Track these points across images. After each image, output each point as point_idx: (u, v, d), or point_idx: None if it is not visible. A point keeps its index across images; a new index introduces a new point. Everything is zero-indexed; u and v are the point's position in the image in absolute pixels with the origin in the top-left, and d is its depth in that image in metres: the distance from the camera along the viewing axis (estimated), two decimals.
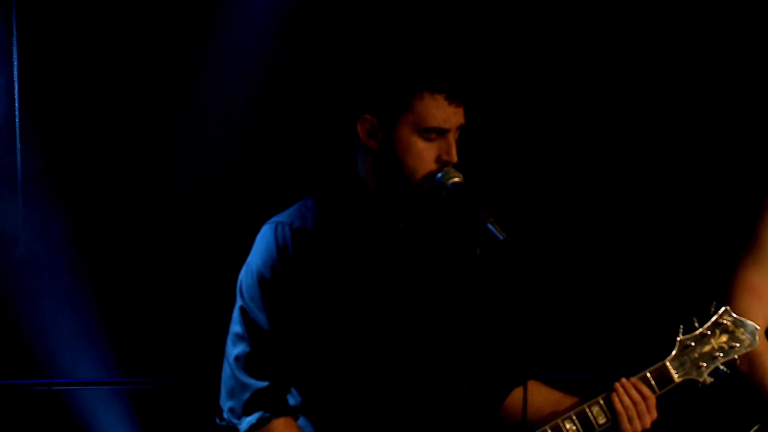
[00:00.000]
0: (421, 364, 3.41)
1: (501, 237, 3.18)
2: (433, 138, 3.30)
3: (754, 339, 3.56)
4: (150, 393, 5.28)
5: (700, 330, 3.52)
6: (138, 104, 5.31)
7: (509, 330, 3.59)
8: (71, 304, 5.27)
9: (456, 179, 3.30)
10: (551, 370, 5.00)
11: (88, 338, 5.25)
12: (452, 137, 3.33)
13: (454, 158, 3.32)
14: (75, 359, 5.23)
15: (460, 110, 3.34)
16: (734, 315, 3.55)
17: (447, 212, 3.39)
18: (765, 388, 4.07)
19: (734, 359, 3.54)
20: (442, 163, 3.31)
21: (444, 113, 3.29)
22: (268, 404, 3.35)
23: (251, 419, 3.34)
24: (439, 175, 3.31)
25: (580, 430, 3.41)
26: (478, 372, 3.43)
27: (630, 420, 3.38)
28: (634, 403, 3.40)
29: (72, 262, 5.28)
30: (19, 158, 5.13)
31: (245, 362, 3.36)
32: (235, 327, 3.41)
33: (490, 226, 3.20)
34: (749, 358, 4.00)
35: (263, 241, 3.42)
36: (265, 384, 3.35)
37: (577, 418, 3.41)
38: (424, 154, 3.30)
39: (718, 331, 3.53)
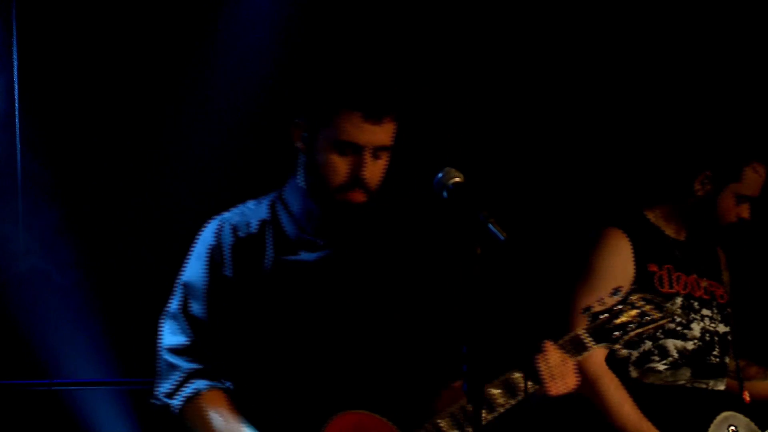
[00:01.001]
0: (356, 363, 3.49)
1: (501, 237, 3.20)
2: (348, 153, 3.40)
3: (665, 311, 3.71)
4: (150, 393, 5.28)
5: (610, 305, 3.66)
6: (140, 106, 5.33)
7: (509, 329, 3.62)
8: (71, 303, 5.27)
9: (456, 179, 3.32)
10: None
11: (88, 338, 5.26)
12: (368, 156, 3.41)
13: (366, 175, 3.41)
14: (75, 359, 5.23)
15: (379, 129, 3.42)
16: (642, 293, 3.72)
17: (448, 212, 3.41)
18: (606, 410, 4.19)
19: (648, 330, 3.70)
20: (353, 178, 3.40)
21: (358, 131, 3.38)
22: (203, 379, 3.46)
23: (186, 391, 3.45)
24: (440, 175, 3.34)
25: (506, 393, 3.50)
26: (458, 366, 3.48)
27: (552, 378, 3.48)
28: (555, 365, 3.51)
29: (72, 262, 5.29)
30: (19, 161, 5.14)
31: (180, 350, 3.49)
32: (170, 316, 3.55)
33: (490, 226, 3.21)
34: (589, 380, 4.13)
35: (204, 236, 3.57)
36: (199, 366, 3.47)
37: (501, 383, 3.51)
38: (337, 167, 3.40)
39: (628, 307, 3.67)
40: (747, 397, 4.50)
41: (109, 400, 5.23)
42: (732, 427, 4.32)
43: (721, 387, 4.42)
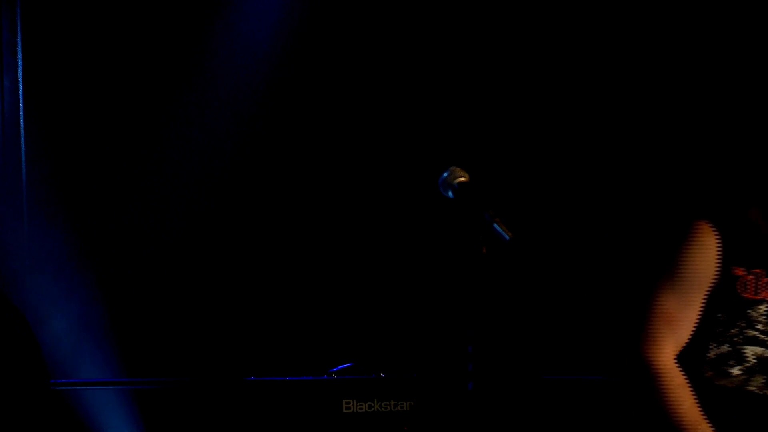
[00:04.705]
0: None
1: (507, 237, 3.20)
2: None
3: None
4: (153, 393, 5.28)
5: None
6: (144, 106, 5.34)
7: (515, 330, 3.61)
8: (74, 303, 5.28)
9: (462, 179, 3.31)
10: (554, 370, 5.03)
11: (90, 338, 5.26)
12: None
13: None
14: (76, 359, 5.23)
15: None
16: None
17: (454, 212, 3.40)
18: (662, 408, 4.07)
19: None
20: None
21: None
22: None
23: None
24: (445, 174, 3.33)
25: None
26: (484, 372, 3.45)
27: None
28: None
29: (75, 262, 5.29)
30: (23, 161, 5.15)
31: None
32: None
33: (496, 225, 3.21)
34: (652, 375, 4.02)
35: None
36: None
37: None
38: None
39: None
40: None
41: (112, 401, 5.23)
42: None
43: None
